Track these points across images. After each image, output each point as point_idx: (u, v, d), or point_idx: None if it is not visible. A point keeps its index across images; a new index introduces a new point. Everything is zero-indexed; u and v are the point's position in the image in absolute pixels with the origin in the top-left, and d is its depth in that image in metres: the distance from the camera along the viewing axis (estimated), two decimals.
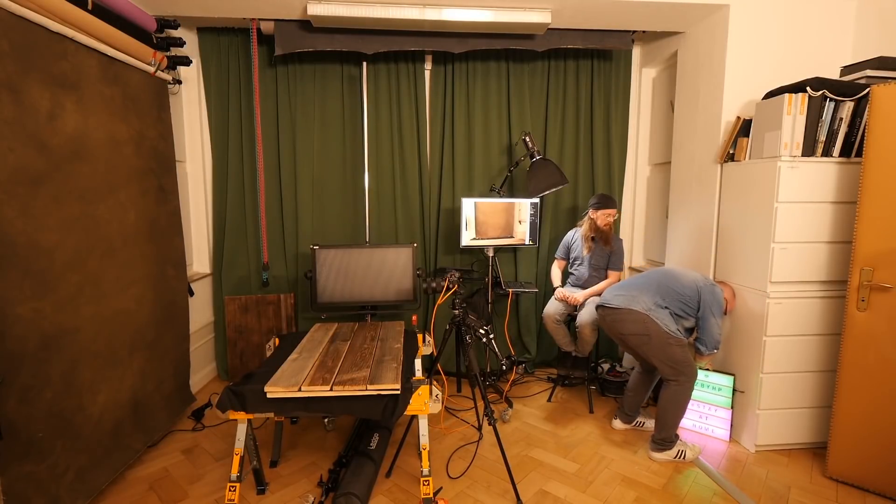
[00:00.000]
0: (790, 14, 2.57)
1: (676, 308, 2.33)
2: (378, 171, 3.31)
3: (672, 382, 2.30)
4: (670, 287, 2.36)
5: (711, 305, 2.31)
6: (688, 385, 2.29)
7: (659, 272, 2.46)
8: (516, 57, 3.28)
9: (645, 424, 2.65)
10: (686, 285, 2.35)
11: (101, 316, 2.07)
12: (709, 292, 2.32)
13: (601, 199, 2.92)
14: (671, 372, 2.29)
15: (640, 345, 2.32)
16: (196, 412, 2.78)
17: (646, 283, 2.40)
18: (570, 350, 3.02)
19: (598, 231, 2.94)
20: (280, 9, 2.67)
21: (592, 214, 2.94)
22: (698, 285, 2.34)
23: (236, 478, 1.93)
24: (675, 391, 2.29)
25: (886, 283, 2.03)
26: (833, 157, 2.26)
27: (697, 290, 2.33)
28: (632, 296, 2.36)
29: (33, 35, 1.75)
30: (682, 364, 2.28)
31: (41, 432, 1.73)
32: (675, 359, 2.27)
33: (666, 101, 3.32)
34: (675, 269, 2.48)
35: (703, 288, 2.33)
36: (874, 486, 2.11)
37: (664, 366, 2.30)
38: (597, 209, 2.92)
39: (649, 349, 2.30)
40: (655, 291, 2.35)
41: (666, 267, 2.56)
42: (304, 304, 3.35)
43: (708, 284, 2.35)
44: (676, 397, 2.30)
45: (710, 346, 2.33)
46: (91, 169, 2.03)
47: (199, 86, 3.17)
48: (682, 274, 2.40)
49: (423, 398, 1.94)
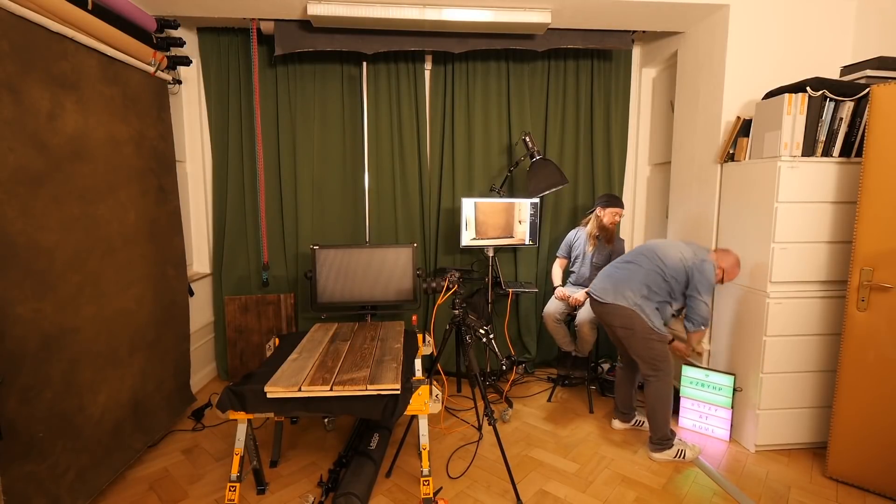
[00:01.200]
0: (790, 14, 2.57)
1: (664, 295, 2.32)
2: (378, 171, 3.31)
3: (651, 378, 2.33)
4: (657, 272, 2.32)
5: (699, 284, 2.25)
6: (666, 379, 2.32)
7: (646, 254, 2.38)
8: (516, 57, 3.28)
9: (644, 423, 2.65)
10: (673, 266, 2.30)
11: (102, 316, 2.07)
12: (697, 270, 2.26)
13: (609, 198, 2.93)
14: (649, 367, 2.33)
15: (625, 337, 2.36)
16: (196, 412, 2.78)
17: (632, 273, 2.36)
18: (569, 350, 3.02)
19: (603, 229, 2.94)
20: (280, 9, 2.67)
21: (599, 212, 2.94)
22: (686, 265, 2.28)
23: (236, 478, 1.93)
24: (655, 387, 2.32)
25: (886, 283, 2.03)
26: (833, 157, 2.26)
27: (685, 270, 2.29)
28: (618, 289, 2.35)
29: (33, 35, 1.75)
30: (660, 360, 2.31)
31: (41, 432, 1.73)
32: (654, 354, 2.30)
33: (666, 101, 3.32)
34: (662, 246, 2.38)
35: (691, 267, 2.27)
36: (874, 486, 2.11)
37: (643, 361, 2.34)
38: (604, 207, 2.92)
39: (631, 342, 2.34)
40: (642, 281, 2.32)
41: (653, 243, 2.43)
42: (304, 304, 3.35)
43: (697, 262, 2.27)
44: (658, 393, 2.32)
45: (698, 323, 2.30)
46: (91, 169, 2.03)
47: (199, 86, 3.17)
48: (670, 253, 2.33)
49: (423, 398, 1.94)
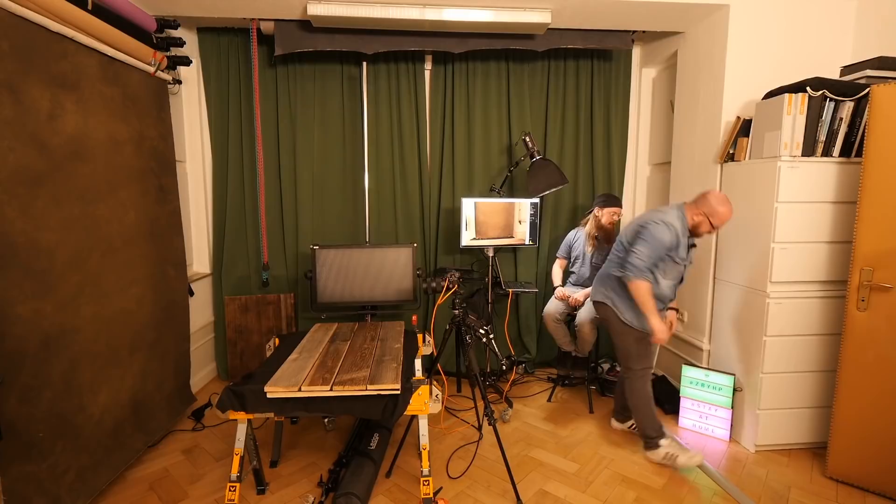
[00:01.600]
0: (790, 14, 2.57)
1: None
2: (378, 170, 3.31)
3: (625, 377, 2.37)
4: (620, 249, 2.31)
5: (639, 237, 2.16)
6: (641, 380, 2.30)
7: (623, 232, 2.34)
8: (516, 57, 3.28)
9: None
10: (626, 232, 2.27)
11: (102, 316, 2.07)
12: (642, 226, 2.17)
13: (607, 198, 2.94)
14: (622, 364, 2.37)
15: (609, 333, 2.41)
16: (196, 412, 2.78)
17: (607, 265, 2.42)
18: (569, 350, 3.02)
19: (601, 229, 2.95)
20: (280, 9, 2.67)
21: (598, 212, 2.95)
22: (640, 223, 2.21)
23: (236, 478, 1.93)
24: (631, 386, 2.33)
25: (886, 283, 2.03)
26: (833, 157, 2.26)
27: (633, 228, 2.23)
28: (597, 285, 2.45)
29: (33, 35, 1.75)
30: (632, 359, 2.31)
31: (41, 432, 1.73)
32: (626, 351, 2.32)
33: (666, 101, 3.32)
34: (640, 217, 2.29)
35: (643, 224, 2.18)
36: (874, 486, 2.11)
37: (618, 354, 2.38)
38: (602, 207, 2.93)
39: (611, 337, 2.41)
40: (610, 271, 2.34)
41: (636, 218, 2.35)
42: (304, 304, 3.35)
43: (650, 223, 2.15)
44: (635, 392, 2.32)
45: (630, 271, 2.15)
46: (91, 169, 2.03)
47: (199, 86, 3.17)
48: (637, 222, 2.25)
49: (423, 398, 1.94)
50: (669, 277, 2.24)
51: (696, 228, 2.19)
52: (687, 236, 2.21)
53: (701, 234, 2.20)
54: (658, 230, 2.13)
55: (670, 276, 2.24)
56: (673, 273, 2.24)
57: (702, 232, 2.19)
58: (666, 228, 2.14)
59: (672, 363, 3.08)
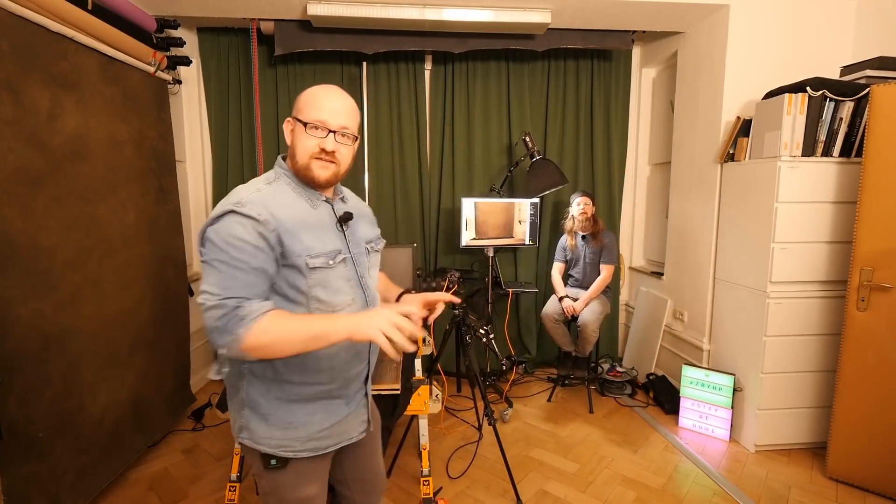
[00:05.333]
0: (790, 14, 2.57)
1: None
2: (378, 171, 3.30)
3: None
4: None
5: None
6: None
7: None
8: (516, 57, 3.28)
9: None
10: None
11: (102, 316, 2.07)
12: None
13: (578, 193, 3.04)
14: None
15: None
16: (196, 412, 2.78)
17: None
18: (569, 350, 3.03)
19: (577, 223, 2.97)
20: (280, 9, 2.67)
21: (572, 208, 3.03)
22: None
23: (236, 478, 1.93)
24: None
25: (886, 283, 2.03)
26: (833, 157, 2.26)
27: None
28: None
29: (33, 35, 1.75)
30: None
31: (41, 432, 1.72)
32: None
33: (666, 101, 3.32)
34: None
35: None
36: (874, 486, 2.11)
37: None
38: (571, 202, 3.02)
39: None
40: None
41: None
42: None
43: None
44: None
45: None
46: (91, 169, 2.03)
47: (199, 86, 3.17)
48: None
49: (423, 398, 1.94)
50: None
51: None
52: None
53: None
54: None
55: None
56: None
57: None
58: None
59: (672, 363, 3.08)
